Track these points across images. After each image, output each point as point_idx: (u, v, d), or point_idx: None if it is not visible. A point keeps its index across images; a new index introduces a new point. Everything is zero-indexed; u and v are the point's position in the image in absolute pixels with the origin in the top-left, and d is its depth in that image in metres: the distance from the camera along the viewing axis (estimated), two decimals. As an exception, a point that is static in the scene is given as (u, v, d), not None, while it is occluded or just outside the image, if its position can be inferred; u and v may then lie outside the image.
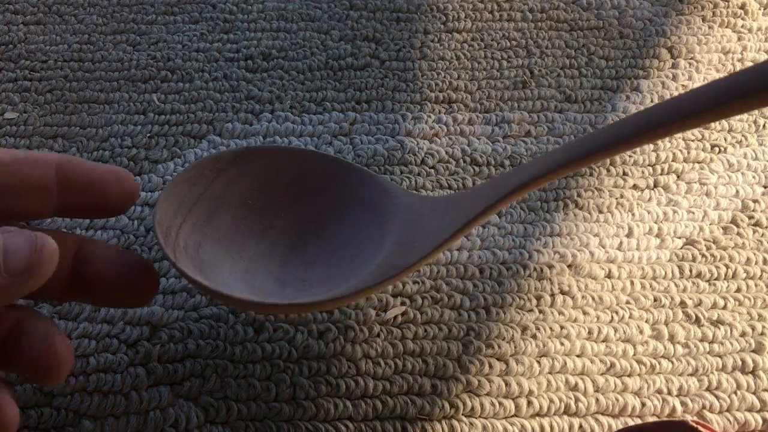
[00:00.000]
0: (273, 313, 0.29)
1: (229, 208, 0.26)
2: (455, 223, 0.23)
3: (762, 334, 0.30)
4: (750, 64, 0.42)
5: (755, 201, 0.35)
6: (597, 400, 0.28)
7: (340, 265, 0.26)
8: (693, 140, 0.38)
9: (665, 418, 0.28)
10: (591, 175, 0.36)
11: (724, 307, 0.31)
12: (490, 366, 0.29)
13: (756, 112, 0.39)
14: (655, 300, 0.31)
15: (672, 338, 0.30)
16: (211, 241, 0.25)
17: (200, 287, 0.23)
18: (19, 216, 0.23)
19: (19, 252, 0.18)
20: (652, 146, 0.37)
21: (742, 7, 0.44)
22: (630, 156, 0.37)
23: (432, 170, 0.36)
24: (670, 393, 0.29)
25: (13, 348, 0.21)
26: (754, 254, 0.33)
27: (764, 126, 0.39)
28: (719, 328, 0.31)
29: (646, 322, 0.31)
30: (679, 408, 0.28)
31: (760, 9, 0.45)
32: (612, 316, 0.31)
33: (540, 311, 0.31)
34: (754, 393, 0.29)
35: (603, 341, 0.30)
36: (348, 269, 0.25)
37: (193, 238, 0.25)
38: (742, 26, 0.44)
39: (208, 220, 0.26)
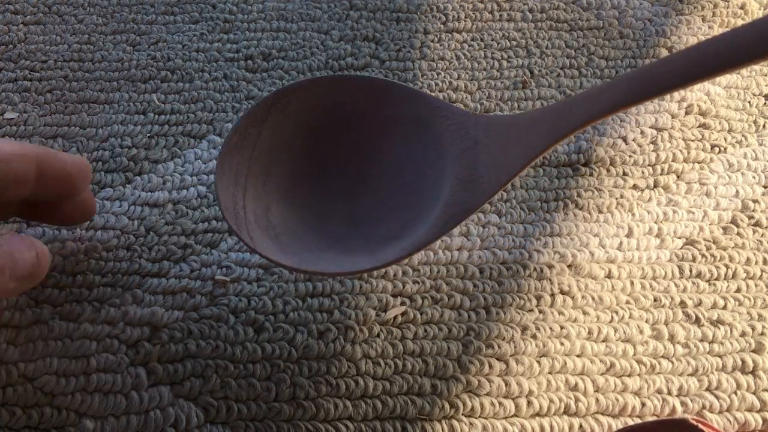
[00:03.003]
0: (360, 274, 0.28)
1: (280, 157, 0.26)
2: (518, 159, 0.21)
3: (762, 334, 0.30)
4: (750, 64, 0.42)
5: (755, 201, 0.35)
6: (597, 400, 0.28)
7: (404, 193, 0.25)
8: (693, 140, 0.38)
9: (665, 417, 0.28)
10: (591, 175, 0.36)
11: (724, 307, 0.31)
12: (490, 366, 0.29)
13: (756, 112, 0.39)
14: (655, 300, 0.32)
15: (672, 338, 0.30)
16: (276, 200, 0.25)
17: (286, 268, 0.23)
18: None
19: (26, 262, 0.23)
20: (652, 146, 0.37)
21: (742, 7, 0.44)
22: (630, 156, 0.37)
23: (432, 170, 0.36)
24: (670, 393, 0.29)
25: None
26: (754, 254, 0.33)
27: (764, 126, 0.39)
28: (719, 328, 0.31)
29: (646, 322, 0.31)
30: (679, 408, 0.28)
31: (760, 9, 0.44)
32: (612, 316, 0.31)
33: (540, 311, 0.31)
34: (754, 393, 0.29)
35: (603, 341, 0.30)
36: (414, 200, 0.25)
37: (260, 204, 0.24)
38: (742, 26, 0.44)
39: (267, 178, 0.25)
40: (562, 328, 0.30)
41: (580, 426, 0.28)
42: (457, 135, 0.24)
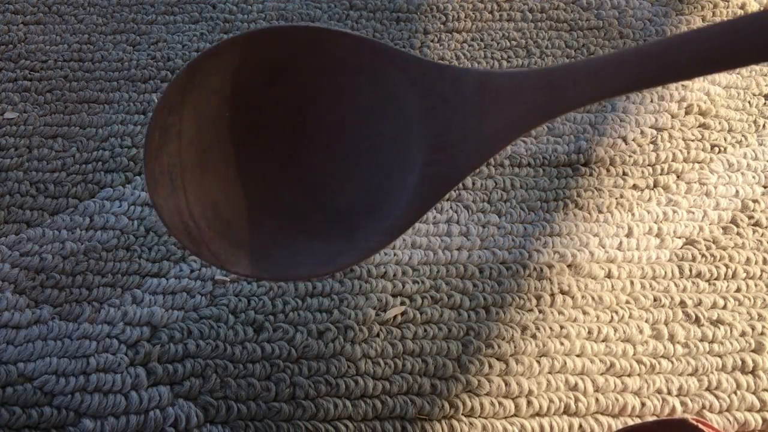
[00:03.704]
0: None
1: (212, 138, 0.23)
2: (502, 132, 0.19)
3: (762, 334, 0.30)
4: (750, 64, 0.42)
5: (755, 201, 0.35)
6: (597, 400, 0.28)
7: (362, 152, 0.22)
8: (693, 140, 0.38)
9: (665, 417, 0.28)
10: (591, 175, 0.36)
11: (724, 307, 0.31)
12: (490, 366, 0.29)
13: (756, 112, 0.39)
14: (655, 300, 0.31)
15: (672, 338, 0.30)
16: (221, 189, 0.22)
17: (261, 279, 0.21)
18: None
19: None
20: (652, 146, 0.37)
21: (742, 7, 0.44)
22: (630, 156, 0.37)
23: (432, 170, 0.36)
24: (670, 393, 0.29)
25: None
26: (754, 254, 0.33)
27: (764, 126, 0.39)
28: (719, 328, 0.31)
29: (646, 322, 0.31)
30: (679, 408, 0.28)
31: (759, 9, 0.44)
32: (612, 316, 0.31)
33: (540, 311, 0.31)
34: (754, 393, 0.29)
35: (603, 341, 0.30)
36: (376, 159, 0.22)
37: (207, 202, 0.22)
38: (742, 26, 0.44)
39: (204, 167, 0.22)
40: (562, 327, 0.30)
41: (580, 426, 0.28)
42: (419, 91, 0.21)
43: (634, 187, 0.36)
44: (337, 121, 0.23)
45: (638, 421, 0.28)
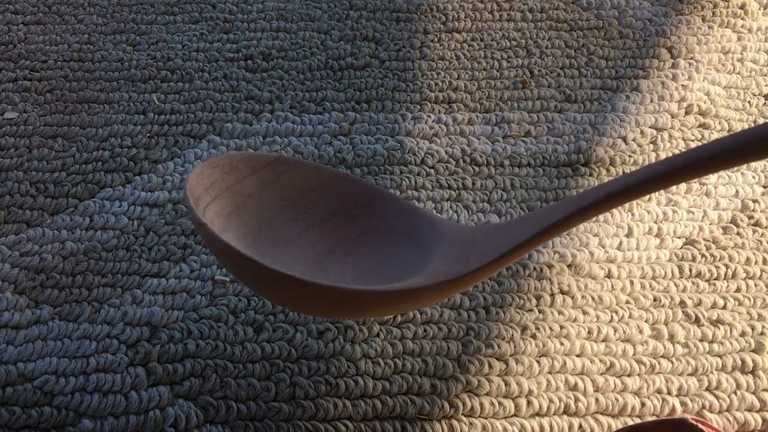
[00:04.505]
0: (302, 300, 0.28)
1: (255, 210, 0.25)
2: (520, 236, 0.21)
3: (762, 334, 0.30)
4: (750, 63, 0.42)
5: (755, 201, 0.35)
6: (597, 400, 0.28)
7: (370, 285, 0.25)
8: (693, 140, 0.38)
9: (665, 417, 0.28)
10: (591, 175, 0.36)
11: (724, 307, 0.31)
12: (490, 366, 0.29)
13: (756, 112, 0.39)
14: (654, 300, 0.31)
15: (672, 338, 0.30)
16: (233, 234, 0.25)
17: (234, 253, 0.21)
18: None
19: None
20: (652, 146, 0.37)
21: (742, 7, 0.44)
22: (630, 156, 0.37)
23: (432, 170, 0.36)
24: (669, 393, 0.29)
25: None
26: (754, 254, 0.33)
27: (764, 126, 0.38)
28: (719, 328, 0.31)
29: (646, 321, 0.31)
30: (678, 408, 0.28)
31: (760, 9, 0.44)
32: (612, 316, 0.31)
33: (540, 311, 0.31)
34: (753, 393, 0.29)
35: (603, 341, 0.30)
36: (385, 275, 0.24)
37: (219, 222, 0.24)
38: (742, 26, 0.44)
39: (233, 213, 0.25)
40: (561, 327, 0.30)
41: (580, 426, 0.28)
42: (450, 237, 0.24)
43: (634, 187, 0.36)
44: (361, 266, 0.25)
45: (638, 421, 0.28)
